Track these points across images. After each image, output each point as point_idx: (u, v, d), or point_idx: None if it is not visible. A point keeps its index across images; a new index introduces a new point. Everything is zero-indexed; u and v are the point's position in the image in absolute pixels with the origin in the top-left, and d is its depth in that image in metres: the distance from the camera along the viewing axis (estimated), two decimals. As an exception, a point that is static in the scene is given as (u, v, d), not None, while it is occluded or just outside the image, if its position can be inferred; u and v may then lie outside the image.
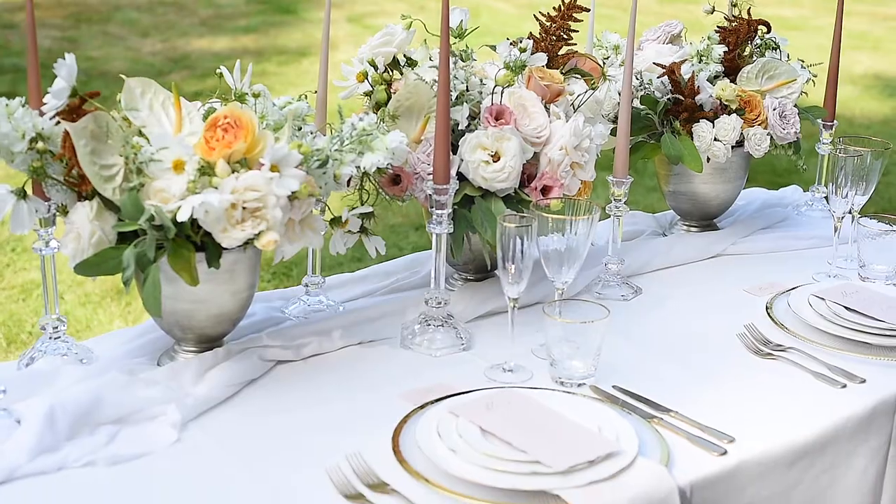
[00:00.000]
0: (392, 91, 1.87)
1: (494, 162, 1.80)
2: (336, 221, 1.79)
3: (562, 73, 1.97)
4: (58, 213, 1.64)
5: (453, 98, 1.83)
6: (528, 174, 1.86)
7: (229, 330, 1.72)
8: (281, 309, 1.93)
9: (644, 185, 4.95)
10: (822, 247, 2.27)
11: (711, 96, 2.14)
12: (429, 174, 1.77)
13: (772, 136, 2.18)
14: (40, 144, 1.56)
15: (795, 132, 2.19)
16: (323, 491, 1.41)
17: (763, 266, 2.20)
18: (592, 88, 1.96)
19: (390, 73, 1.89)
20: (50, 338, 1.72)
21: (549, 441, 1.46)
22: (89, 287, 3.96)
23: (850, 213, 2.13)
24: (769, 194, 2.59)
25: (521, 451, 1.44)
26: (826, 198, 2.47)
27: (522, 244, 1.64)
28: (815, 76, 2.36)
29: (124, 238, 1.57)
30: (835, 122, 2.38)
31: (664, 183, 2.28)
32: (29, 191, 1.61)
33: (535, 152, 1.85)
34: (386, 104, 1.83)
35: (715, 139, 2.11)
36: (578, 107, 1.95)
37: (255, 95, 1.70)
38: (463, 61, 1.91)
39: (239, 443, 1.53)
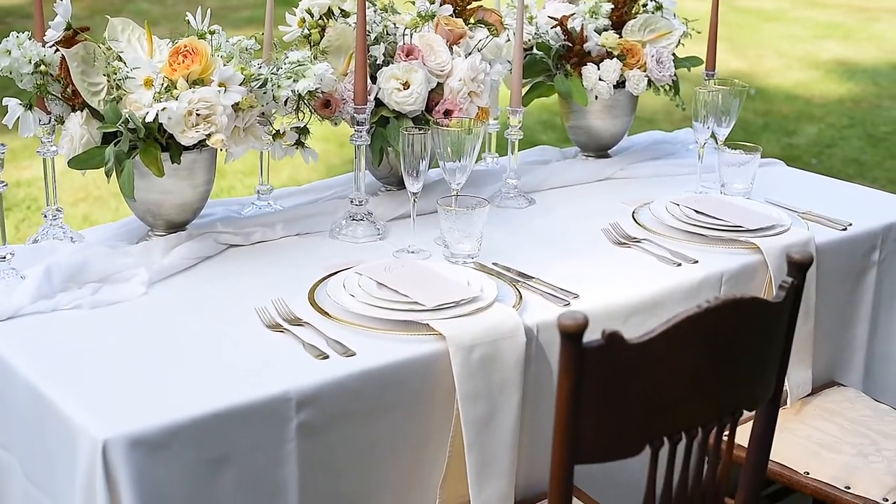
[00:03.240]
0: (324, 34, 2.31)
1: (405, 89, 2.25)
2: (278, 135, 2.24)
3: (469, 23, 2.41)
4: (56, 123, 2.10)
5: (372, 38, 2.28)
6: (435, 101, 2.31)
7: (191, 219, 2.17)
8: (237, 211, 2.38)
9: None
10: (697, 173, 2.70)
11: (598, 45, 2.58)
12: (353, 99, 2.22)
13: (651, 79, 2.62)
14: (43, 67, 2.03)
15: (670, 75, 2.63)
16: (251, 325, 1.86)
17: (644, 187, 2.62)
18: (493, 35, 2.41)
19: (325, 20, 2.34)
20: (50, 225, 2.18)
21: (427, 289, 1.91)
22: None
23: (715, 145, 2.56)
24: (664, 135, 3.02)
25: (404, 296, 1.89)
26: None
27: (420, 149, 2.09)
28: (699, 32, 2.78)
29: (107, 139, 2.03)
30: (714, 71, 2.81)
31: (565, 119, 2.72)
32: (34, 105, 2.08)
33: (439, 83, 2.30)
34: (319, 44, 2.28)
35: (599, 79, 2.55)
36: (482, 49, 2.40)
37: (212, 32, 2.14)
38: (386, 12, 2.36)
39: (192, 297, 1.97)
